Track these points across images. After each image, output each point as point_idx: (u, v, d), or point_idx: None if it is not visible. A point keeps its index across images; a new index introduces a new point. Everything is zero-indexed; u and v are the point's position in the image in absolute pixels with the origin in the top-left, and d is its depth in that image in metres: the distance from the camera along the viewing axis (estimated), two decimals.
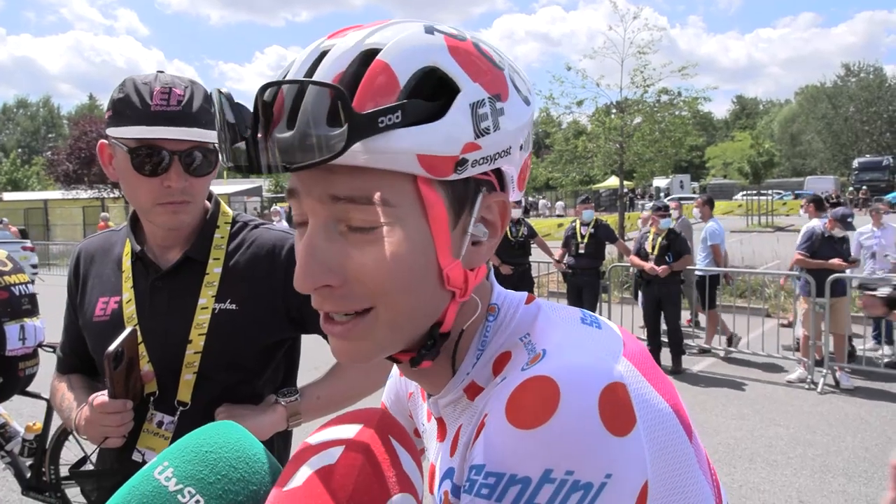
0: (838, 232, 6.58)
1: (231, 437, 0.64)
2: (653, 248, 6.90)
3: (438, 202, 0.60)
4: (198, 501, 0.58)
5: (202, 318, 1.37)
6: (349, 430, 0.60)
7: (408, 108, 0.56)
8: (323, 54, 0.59)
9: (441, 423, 0.74)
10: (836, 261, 6.47)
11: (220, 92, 0.60)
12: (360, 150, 0.54)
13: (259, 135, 0.56)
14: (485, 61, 0.62)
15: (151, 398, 1.38)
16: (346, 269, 0.59)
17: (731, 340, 7.55)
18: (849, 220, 6.64)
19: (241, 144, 0.58)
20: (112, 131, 1.34)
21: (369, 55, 0.57)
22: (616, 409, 0.54)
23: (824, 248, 6.59)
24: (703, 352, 7.56)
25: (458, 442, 0.68)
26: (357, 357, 0.63)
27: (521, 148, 0.65)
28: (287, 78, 0.59)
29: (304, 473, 0.56)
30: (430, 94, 0.58)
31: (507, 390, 0.56)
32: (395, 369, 0.98)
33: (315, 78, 0.57)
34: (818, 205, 7.48)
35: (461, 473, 0.66)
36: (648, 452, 0.55)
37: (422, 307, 0.63)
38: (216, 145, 1.39)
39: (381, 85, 0.56)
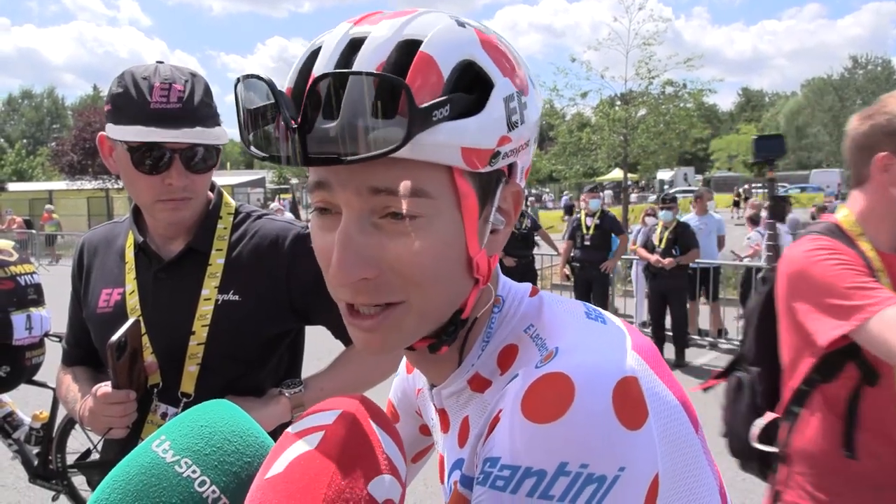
0: None
1: (226, 414, 0.67)
2: (660, 240, 6.87)
3: (471, 193, 0.61)
4: (194, 471, 0.60)
5: (205, 310, 1.37)
6: (328, 417, 0.60)
7: (455, 102, 0.57)
8: (354, 42, 0.58)
9: (443, 415, 0.74)
10: None
11: (260, 78, 0.58)
12: (410, 142, 0.54)
13: (302, 126, 0.55)
14: (509, 56, 0.63)
15: (155, 389, 1.38)
16: (382, 261, 0.59)
17: (721, 333, 7.72)
18: None
19: (272, 132, 0.58)
20: (111, 129, 1.31)
21: (409, 46, 0.57)
22: (629, 404, 0.54)
23: None
24: (712, 346, 7.56)
25: (469, 434, 0.69)
26: (385, 348, 0.64)
27: (534, 140, 0.67)
28: (319, 66, 0.58)
29: (284, 460, 0.56)
30: (468, 88, 0.59)
31: (522, 386, 0.56)
32: (401, 367, 0.97)
33: (355, 68, 0.56)
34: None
35: (471, 465, 0.66)
36: (659, 444, 0.56)
37: (451, 296, 0.64)
38: (217, 144, 1.37)
39: (429, 78, 0.56)
